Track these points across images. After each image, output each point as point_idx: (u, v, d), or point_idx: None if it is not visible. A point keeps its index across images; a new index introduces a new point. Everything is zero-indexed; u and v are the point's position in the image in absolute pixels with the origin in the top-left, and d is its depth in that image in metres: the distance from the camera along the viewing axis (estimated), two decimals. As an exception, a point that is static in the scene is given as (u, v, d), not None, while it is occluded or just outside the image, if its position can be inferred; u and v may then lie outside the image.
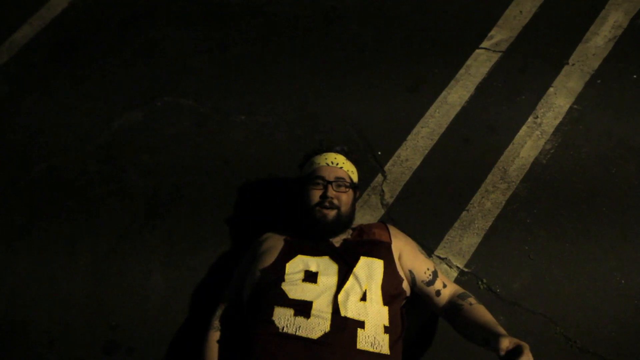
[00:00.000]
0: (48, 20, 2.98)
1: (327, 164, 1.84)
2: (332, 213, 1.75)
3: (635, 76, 2.43)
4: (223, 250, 2.15)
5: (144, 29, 2.83)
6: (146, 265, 2.14)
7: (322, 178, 1.80)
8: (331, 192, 1.76)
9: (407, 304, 1.79)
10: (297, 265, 1.67)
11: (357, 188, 1.92)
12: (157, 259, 2.15)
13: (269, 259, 1.71)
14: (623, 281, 1.97)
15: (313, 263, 1.67)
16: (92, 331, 2.02)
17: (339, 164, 1.85)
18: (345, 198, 1.79)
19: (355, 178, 1.91)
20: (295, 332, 1.51)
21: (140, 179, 2.35)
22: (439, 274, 1.78)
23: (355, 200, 1.89)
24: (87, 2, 3.02)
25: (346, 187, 1.81)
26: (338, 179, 1.80)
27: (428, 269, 1.76)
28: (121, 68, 2.70)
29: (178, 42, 2.77)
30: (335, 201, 1.76)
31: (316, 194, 1.78)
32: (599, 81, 2.43)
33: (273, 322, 1.54)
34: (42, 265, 2.16)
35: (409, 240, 1.86)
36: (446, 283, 1.77)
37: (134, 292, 2.09)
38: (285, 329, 1.52)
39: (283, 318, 1.54)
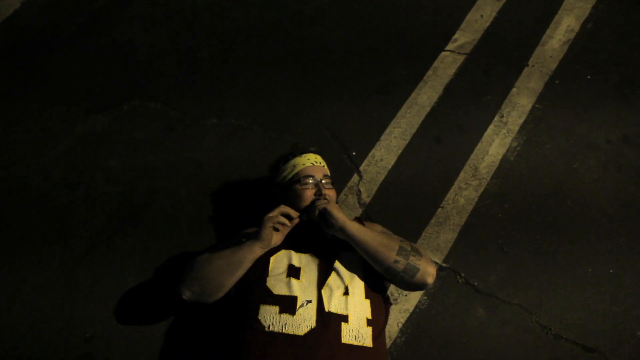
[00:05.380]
0: (-1, 22, 2.84)
1: (313, 164, 1.85)
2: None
3: (589, 77, 2.59)
4: (199, 256, 2.10)
5: (106, 30, 2.74)
6: (120, 273, 2.07)
7: (313, 177, 1.80)
8: (324, 190, 1.78)
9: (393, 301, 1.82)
10: (281, 259, 1.68)
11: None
12: (131, 266, 2.08)
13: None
14: (590, 269, 2.08)
15: (296, 258, 1.69)
16: (64, 344, 1.92)
17: (322, 164, 1.88)
18: (333, 195, 1.82)
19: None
20: (282, 329, 1.52)
21: (109, 185, 2.27)
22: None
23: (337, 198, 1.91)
24: (40, 2, 2.89)
25: (332, 184, 1.84)
26: (326, 176, 1.83)
27: None
28: (84, 71, 2.60)
29: (144, 44, 2.70)
30: (328, 198, 1.78)
31: (308, 194, 1.77)
32: (557, 81, 2.57)
33: (259, 320, 1.55)
34: (6, 278, 2.05)
35: (377, 225, 1.89)
36: None
37: (108, 301, 2.01)
38: (271, 327, 1.53)
39: (268, 316, 1.55)
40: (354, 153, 2.36)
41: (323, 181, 1.80)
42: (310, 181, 1.79)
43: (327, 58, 2.67)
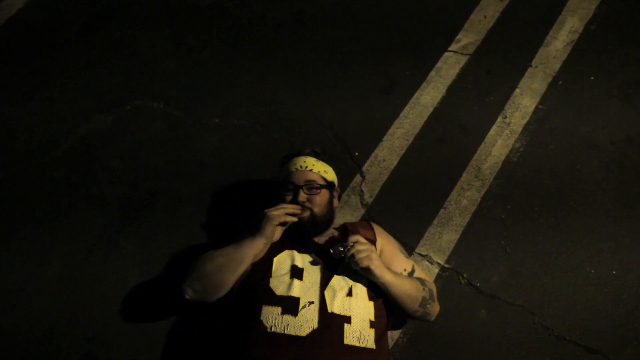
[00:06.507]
0: (2, 20, 2.85)
1: (297, 169, 1.85)
2: (305, 214, 1.75)
3: (592, 77, 2.58)
4: (201, 255, 2.09)
5: (109, 30, 2.75)
6: (122, 273, 2.07)
7: (293, 183, 1.81)
8: (302, 196, 1.77)
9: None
10: (284, 260, 1.69)
11: (333, 186, 1.92)
12: (133, 266, 2.08)
13: (259, 254, 1.71)
14: (593, 271, 2.07)
15: (299, 259, 1.69)
16: (66, 344, 1.93)
17: (309, 167, 1.85)
18: (318, 199, 1.80)
19: (330, 177, 1.90)
20: (284, 330, 1.52)
21: (112, 185, 2.28)
22: (417, 274, 1.82)
23: (332, 198, 1.88)
24: (43, 2, 2.90)
25: (317, 188, 1.81)
26: (308, 182, 1.81)
27: (405, 270, 1.79)
28: (87, 71, 2.61)
29: (147, 44, 2.70)
30: (307, 204, 1.77)
31: (287, 200, 1.80)
32: (560, 82, 2.56)
33: (261, 321, 1.55)
34: (9, 278, 2.05)
35: (391, 239, 1.90)
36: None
37: (110, 301, 2.01)
38: (273, 328, 1.53)
39: (271, 317, 1.55)
40: (356, 153, 2.36)
41: (304, 187, 1.79)
42: (290, 187, 1.81)
43: (330, 58, 2.67)
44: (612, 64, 2.62)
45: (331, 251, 1.64)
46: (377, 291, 1.68)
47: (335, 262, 1.67)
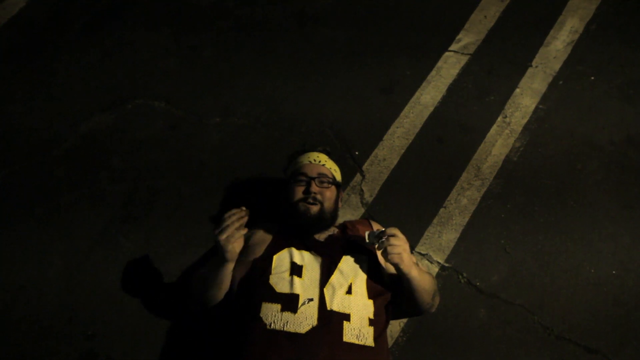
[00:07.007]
0: (5, 20, 2.86)
1: (310, 162, 1.88)
2: (315, 208, 1.77)
3: (592, 77, 2.58)
4: (202, 253, 2.10)
5: (111, 29, 2.76)
6: (122, 271, 2.07)
7: (305, 174, 1.83)
8: (314, 188, 1.79)
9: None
10: (284, 257, 1.70)
11: (340, 186, 1.96)
12: (133, 264, 2.08)
13: (259, 251, 1.74)
14: (592, 270, 2.07)
15: (299, 256, 1.70)
16: (67, 342, 1.93)
17: (322, 162, 1.89)
18: (328, 194, 1.82)
19: (338, 177, 1.95)
20: (283, 327, 1.53)
21: (113, 183, 2.28)
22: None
23: (338, 197, 1.91)
24: (45, 1, 2.92)
25: (329, 183, 1.84)
26: (320, 174, 1.83)
27: None
28: (88, 69, 2.62)
29: (148, 43, 2.71)
30: (319, 196, 1.79)
31: (299, 191, 1.81)
32: (560, 82, 2.57)
33: (260, 318, 1.56)
34: (10, 276, 2.05)
35: None
36: None
37: (110, 300, 2.01)
38: (272, 325, 1.54)
39: (270, 314, 1.55)
40: (356, 152, 2.36)
41: (316, 179, 1.81)
42: (302, 178, 1.82)
43: (331, 58, 2.68)
44: (612, 64, 2.62)
45: (366, 236, 1.64)
46: (377, 289, 1.69)
47: (336, 260, 1.68)
